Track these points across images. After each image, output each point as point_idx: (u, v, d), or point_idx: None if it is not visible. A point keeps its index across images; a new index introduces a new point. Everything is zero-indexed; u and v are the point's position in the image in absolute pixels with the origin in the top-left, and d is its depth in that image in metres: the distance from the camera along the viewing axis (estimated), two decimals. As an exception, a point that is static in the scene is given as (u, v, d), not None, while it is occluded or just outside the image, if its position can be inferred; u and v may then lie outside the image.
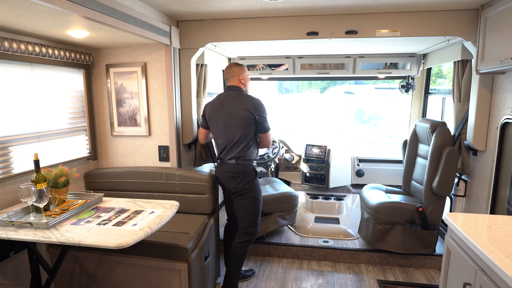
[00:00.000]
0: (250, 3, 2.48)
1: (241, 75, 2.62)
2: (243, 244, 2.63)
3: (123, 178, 2.87)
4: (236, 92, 2.61)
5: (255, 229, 2.65)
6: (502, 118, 2.49)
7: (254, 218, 2.63)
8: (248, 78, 2.72)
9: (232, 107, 2.54)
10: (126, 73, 2.93)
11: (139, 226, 1.85)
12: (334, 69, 4.18)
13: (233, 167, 2.58)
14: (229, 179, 2.61)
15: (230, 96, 2.60)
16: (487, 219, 1.79)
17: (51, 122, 2.55)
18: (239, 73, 2.62)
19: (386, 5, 2.55)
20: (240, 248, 2.63)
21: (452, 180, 2.85)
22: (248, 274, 2.96)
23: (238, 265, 2.65)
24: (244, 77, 2.65)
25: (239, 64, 2.69)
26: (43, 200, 1.86)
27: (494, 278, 1.35)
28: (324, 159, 4.19)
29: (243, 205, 2.61)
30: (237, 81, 2.63)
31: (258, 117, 2.51)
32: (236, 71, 2.63)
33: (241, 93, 2.61)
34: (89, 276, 2.45)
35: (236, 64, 2.69)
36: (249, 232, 2.63)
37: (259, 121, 2.52)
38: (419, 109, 4.26)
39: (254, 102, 2.53)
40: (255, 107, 2.51)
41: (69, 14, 1.77)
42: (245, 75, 2.67)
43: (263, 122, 2.54)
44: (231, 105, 2.55)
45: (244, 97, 2.58)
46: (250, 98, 2.57)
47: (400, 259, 3.10)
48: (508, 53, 2.15)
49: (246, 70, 2.70)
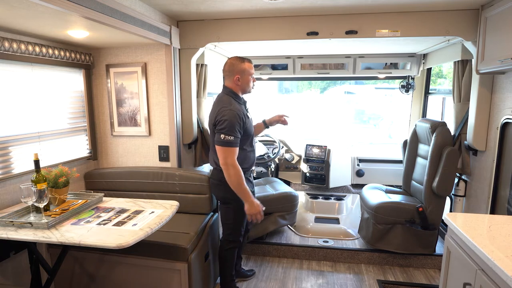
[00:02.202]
0: (250, 3, 2.48)
1: (237, 76, 2.31)
2: (227, 252, 2.51)
3: (123, 178, 2.87)
4: (221, 95, 2.38)
5: (237, 238, 2.49)
6: (502, 118, 2.49)
7: (235, 226, 2.46)
8: (248, 78, 2.36)
9: (211, 111, 2.36)
10: (126, 73, 2.93)
11: (139, 226, 1.85)
12: (334, 69, 4.18)
13: (216, 173, 2.41)
14: (213, 186, 2.49)
15: (216, 99, 2.40)
16: (487, 219, 1.79)
17: (51, 122, 2.55)
18: (234, 73, 2.32)
19: (386, 5, 2.55)
20: (226, 255, 2.52)
21: (452, 180, 2.85)
22: (248, 274, 2.95)
23: (228, 269, 2.56)
24: (241, 77, 2.32)
25: (239, 60, 2.34)
26: (43, 200, 1.86)
27: (494, 278, 1.35)
28: (324, 159, 4.19)
29: (224, 213, 2.46)
30: (232, 83, 2.35)
31: (215, 128, 2.25)
32: (231, 71, 2.33)
33: (222, 98, 2.34)
34: (89, 276, 2.46)
35: (235, 59, 2.35)
36: (230, 241, 2.50)
37: (215, 132, 2.25)
38: (419, 109, 4.26)
39: (218, 110, 2.25)
40: (216, 115, 2.25)
41: (69, 14, 1.77)
42: (243, 75, 2.33)
43: (217, 133, 2.23)
44: (212, 109, 2.37)
45: (218, 103, 2.32)
46: (220, 105, 2.28)
47: (400, 259, 3.10)
48: (508, 53, 2.15)
49: (248, 67, 2.34)
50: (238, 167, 2.21)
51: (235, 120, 2.19)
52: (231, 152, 2.20)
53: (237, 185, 2.23)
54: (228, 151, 2.19)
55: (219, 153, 2.22)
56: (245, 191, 2.25)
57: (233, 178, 2.21)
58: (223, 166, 2.22)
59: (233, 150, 2.20)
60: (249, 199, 2.27)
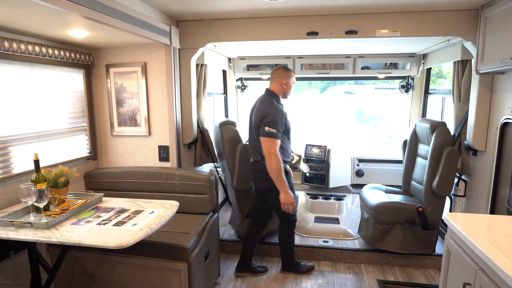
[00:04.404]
0: (250, 3, 2.48)
1: (284, 80, 2.65)
2: (286, 235, 2.87)
3: (123, 178, 2.87)
4: (264, 97, 2.67)
5: (292, 218, 2.81)
6: (502, 118, 2.49)
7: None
8: (291, 85, 2.71)
9: (256, 111, 2.64)
10: (126, 73, 2.93)
11: (139, 226, 1.85)
12: (334, 69, 4.18)
13: (259, 166, 2.64)
14: (258, 178, 2.72)
15: (259, 100, 2.70)
16: (487, 219, 1.79)
17: (51, 122, 2.55)
18: (283, 77, 2.65)
19: (386, 5, 2.55)
20: (287, 238, 2.88)
21: (452, 180, 2.85)
22: (259, 270, 3.01)
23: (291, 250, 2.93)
24: (287, 82, 2.66)
25: (288, 69, 2.71)
26: (43, 200, 1.86)
27: (494, 278, 1.35)
28: (324, 159, 4.19)
29: (274, 201, 2.68)
30: (278, 84, 2.66)
31: (261, 123, 2.55)
32: (280, 75, 2.65)
33: (265, 99, 2.64)
34: (89, 276, 2.45)
35: (284, 67, 2.71)
36: (287, 223, 2.83)
37: (260, 125, 2.56)
38: (419, 109, 4.27)
39: (263, 108, 2.56)
40: (262, 112, 2.55)
41: (69, 14, 1.77)
42: (289, 81, 2.67)
43: (262, 127, 2.53)
44: (256, 109, 2.65)
45: (262, 103, 2.62)
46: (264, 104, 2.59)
47: (400, 259, 3.10)
48: (508, 53, 2.15)
49: (293, 76, 2.71)
50: (279, 157, 2.48)
51: (279, 115, 2.50)
52: (274, 143, 2.47)
53: (276, 173, 2.49)
54: (271, 141, 2.46)
55: (263, 143, 2.49)
56: (282, 181, 2.51)
57: (274, 167, 2.48)
58: (266, 155, 2.48)
59: (276, 141, 2.48)
60: (285, 189, 2.53)
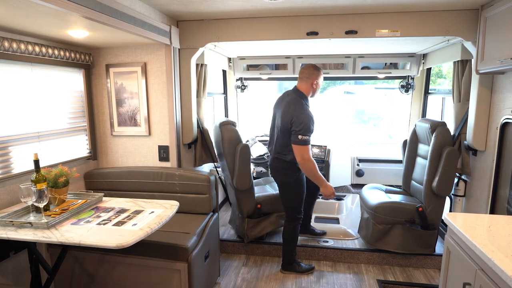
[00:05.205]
0: (250, 3, 2.48)
1: (314, 80, 2.70)
2: (292, 230, 2.94)
3: (123, 178, 2.87)
4: (295, 98, 2.70)
5: (299, 214, 2.91)
6: (502, 118, 2.49)
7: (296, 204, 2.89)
8: (320, 85, 2.78)
9: (284, 111, 2.68)
10: (126, 73, 2.93)
11: (139, 226, 1.85)
12: (334, 69, 4.18)
13: (277, 161, 2.81)
14: (275, 171, 2.88)
15: (288, 100, 2.71)
16: (487, 219, 1.79)
17: (51, 122, 2.55)
18: (313, 77, 2.70)
19: (386, 5, 2.55)
20: (291, 233, 2.95)
21: (452, 180, 2.85)
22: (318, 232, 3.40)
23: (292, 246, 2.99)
24: (317, 83, 2.72)
25: (317, 68, 2.73)
26: (43, 200, 1.86)
27: (494, 278, 1.35)
28: (324, 159, 4.19)
29: (286, 195, 2.88)
30: (308, 85, 2.71)
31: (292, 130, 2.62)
32: (310, 75, 2.69)
33: (296, 101, 2.66)
34: (89, 276, 2.45)
35: (314, 66, 2.73)
36: (293, 219, 2.92)
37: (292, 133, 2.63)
38: (419, 109, 4.27)
39: (294, 113, 2.61)
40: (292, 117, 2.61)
41: (69, 14, 1.77)
42: (319, 81, 2.74)
43: (294, 134, 2.61)
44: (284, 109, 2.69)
45: (292, 105, 2.65)
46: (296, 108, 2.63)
47: (400, 259, 3.10)
48: (508, 53, 2.15)
49: (322, 74, 2.76)
50: (313, 160, 2.65)
51: (310, 123, 2.61)
52: (307, 149, 2.62)
53: (313, 175, 2.68)
54: (304, 149, 2.60)
55: (297, 150, 2.61)
56: (320, 178, 2.72)
57: (310, 170, 2.66)
58: (301, 161, 2.63)
59: (308, 147, 2.63)
60: (324, 183, 2.75)
